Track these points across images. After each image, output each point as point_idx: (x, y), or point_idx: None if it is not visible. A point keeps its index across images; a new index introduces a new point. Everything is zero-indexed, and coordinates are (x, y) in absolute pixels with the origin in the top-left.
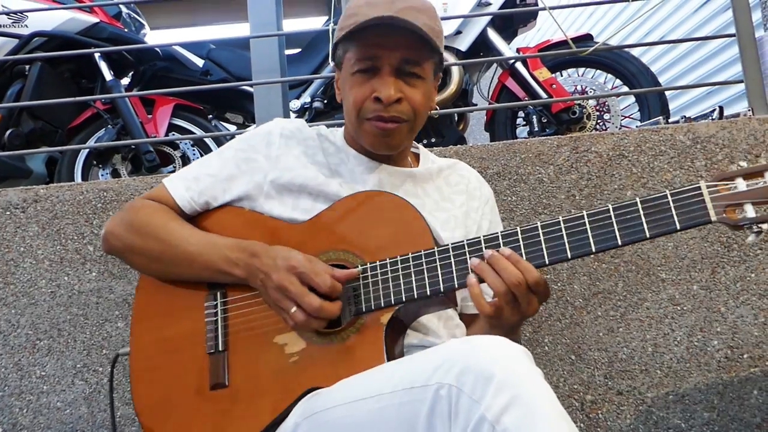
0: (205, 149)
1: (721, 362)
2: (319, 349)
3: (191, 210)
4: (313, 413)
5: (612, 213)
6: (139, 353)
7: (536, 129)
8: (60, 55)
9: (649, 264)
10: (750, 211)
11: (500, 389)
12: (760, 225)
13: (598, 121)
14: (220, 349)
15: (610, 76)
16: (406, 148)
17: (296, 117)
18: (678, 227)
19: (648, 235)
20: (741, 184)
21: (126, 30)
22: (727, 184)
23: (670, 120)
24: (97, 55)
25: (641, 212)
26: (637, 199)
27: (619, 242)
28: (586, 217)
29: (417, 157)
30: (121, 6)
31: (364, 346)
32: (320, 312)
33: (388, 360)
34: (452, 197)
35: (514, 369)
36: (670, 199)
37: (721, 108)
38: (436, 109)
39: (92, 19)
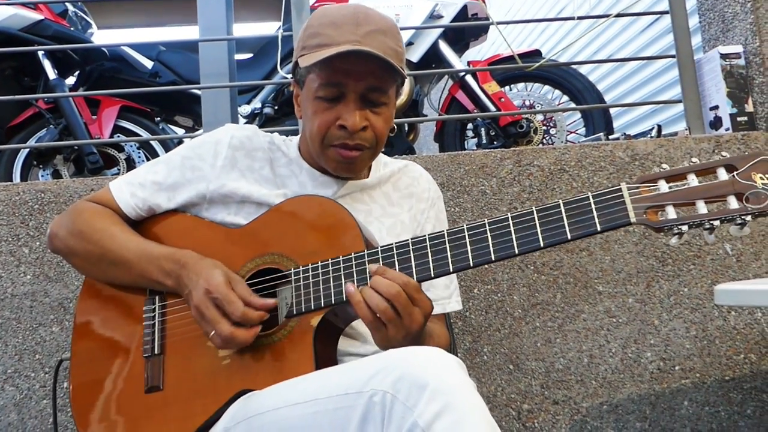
0: (152, 152)
1: (653, 374)
2: (250, 351)
3: (136, 216)
4: (247, 417)
5: (536, 215)
6: (79, 358)
7: (484, 141)
8: (1, 52)
9: (587, 277)
10: (671, 213)
11: (433, 397)
12: (680, 227)
13: (545, 135)
14: (156, 352)
15: (557, 92)
16: None
17: (246, 122)
18: (599, 229)
19: (569, 237)
20: (663, 186)
21: (72, 28)
22: (649, 186)
23: (611, 137)
24: (40, 53)
25: (564, 214)
26: (560, 201)
27: (542, 244)
28: (510, 219)
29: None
30: (67, 4)
31: (294, 349)
32: (231, 341)
33: (317, 363)
34: (401, 202)
35: (448, 378)
36: (591, 201)
37: (659, 126)
38: (394, 128)
39: (36, 16)
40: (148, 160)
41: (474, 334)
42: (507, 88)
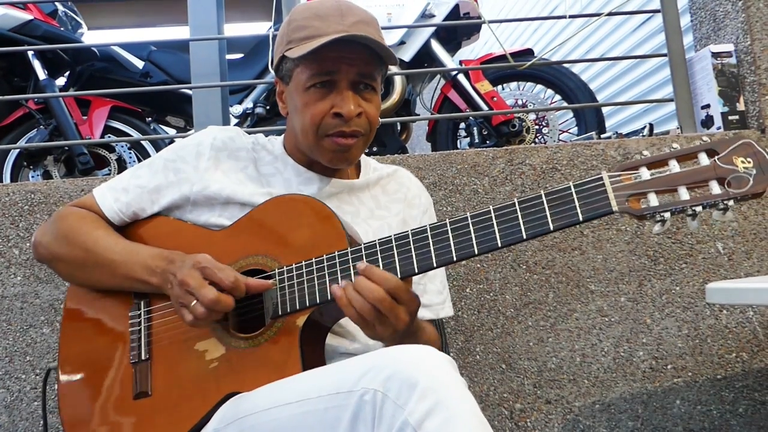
0: (143, 152)
1: (646, 372)
2: (237, 354)
3: (119, 221)
4: (237, 418)
5: (518, 207)
6: (66, 365)
7: (477, 141)
8: None
9: (579, 276)
10: (653, 200)
11: (424, 395)
12: (662, 214)
13: (537, 134)
14: (143, 358)
15: (550, 91)
16: None
17: (238, 122)
18: (581, 218)
19: (552, 228)
20: (645, 173)
21: (62, 29)
22: (630, 174)
23: (603, 136)
24: (30, 54)
25: (546, 205)
26: (542, 192)
27: (524, 235)
28: (492, 212)
29: (358, 165)
30: (57, 4)
31: (280, 350)
32: (217, 304)
33: (303, 363)
34: (389, 206)
35: (439, 376)
36: (573, 190)
37: (651, 126)
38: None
39: (26, 16)
40: (139, 160)
41: (466, 334)
42: (499, 87)
